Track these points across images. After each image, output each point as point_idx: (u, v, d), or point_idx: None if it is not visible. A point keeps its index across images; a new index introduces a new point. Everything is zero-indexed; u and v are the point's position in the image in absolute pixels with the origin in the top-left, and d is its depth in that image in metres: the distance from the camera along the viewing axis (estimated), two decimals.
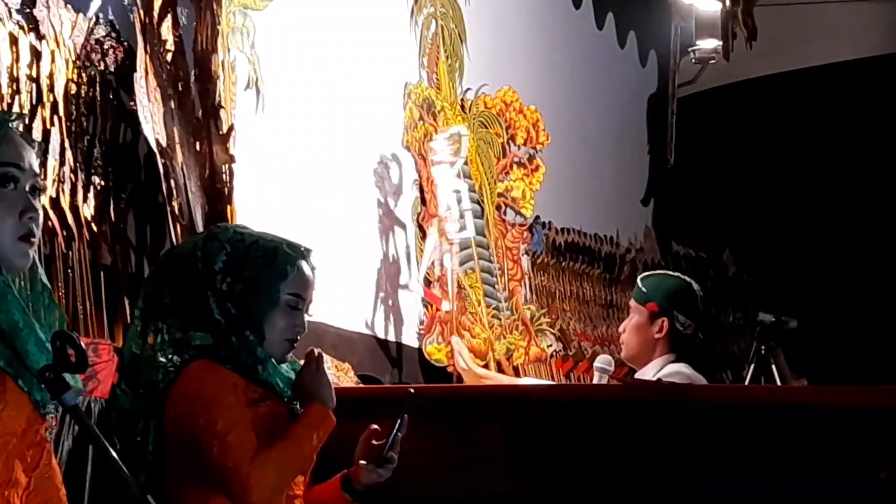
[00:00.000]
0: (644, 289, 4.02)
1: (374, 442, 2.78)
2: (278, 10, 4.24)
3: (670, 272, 4.26)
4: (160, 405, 2.60)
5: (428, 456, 3.18)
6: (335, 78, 4.44)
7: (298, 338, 2.70)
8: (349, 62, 4.51)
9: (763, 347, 4.13)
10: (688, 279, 4.09)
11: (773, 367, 4.14)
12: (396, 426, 2.75)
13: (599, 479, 3.31)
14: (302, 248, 2.72)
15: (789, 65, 7.23)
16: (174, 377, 2.60)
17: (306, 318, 2.71)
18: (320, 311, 4.17)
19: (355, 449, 2.80)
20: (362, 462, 2.76)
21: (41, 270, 2.12)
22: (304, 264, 2.71)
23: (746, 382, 4.10)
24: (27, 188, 2.05)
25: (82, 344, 1.97)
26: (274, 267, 2.66)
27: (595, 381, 4.16)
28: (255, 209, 3.95)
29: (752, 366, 4.15)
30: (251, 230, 2.75)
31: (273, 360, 2.66)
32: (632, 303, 4.07)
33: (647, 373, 3.95)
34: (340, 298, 4.35)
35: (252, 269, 2.66)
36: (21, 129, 2.12)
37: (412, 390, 2.80)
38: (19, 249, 2.03)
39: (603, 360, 4.18)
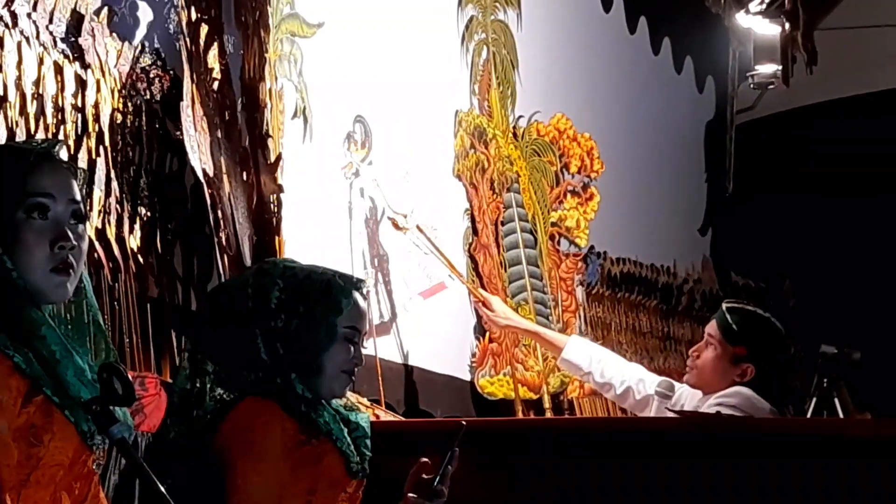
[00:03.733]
0: (735, 326, 3.91)
1: (424, 476, 2.72)
2: (326, 37, 4.21)
3: (761, 311, 4.08)
4: (210, 441, 2.56)
5: (479, 489, 3.13)
6: (384, 105, 4.39)
7: (356, 370, 2.66)
8: (399, 89, 4.47)
9: (825, 380, 4.03)
10: (779, 325, 3.98)
11: (836, 400, 4.03)
12: (447, 459, 2.70)
13: None
14: (355, 280, 2.68)
15: (850, 90, 7.13)
16: (225, 412, 2.56)
17: (363, 350, 2.67)
18: (370, 344, 4.15)
19: (404, 483, 2.74)
20: (412, 495, 2.70)
21: (91, 300, 2.08)
22: (358, 296, 2.66)
23: (808, 416, 4.00)
24: (67, 215, 2.01)
25: (130, 376, 1.94)
26: (329, 301, 2.61)
27: (654, 408, 4.07)
28: (303, 240, 3.90)
29: (815, 399, 4.05)
30: (301, 264, 2.70)
31: (323, 401, 2.62)
32: (714, 331, 3.96)
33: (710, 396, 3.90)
34: (390, 331, 4.29)
35: (307, 304, 2.60)
36: (63, 155, 2.07)
37: (464, 423, 2.75)
38: (53, 281, 2.00)
39: (664, 385, 4.08)
